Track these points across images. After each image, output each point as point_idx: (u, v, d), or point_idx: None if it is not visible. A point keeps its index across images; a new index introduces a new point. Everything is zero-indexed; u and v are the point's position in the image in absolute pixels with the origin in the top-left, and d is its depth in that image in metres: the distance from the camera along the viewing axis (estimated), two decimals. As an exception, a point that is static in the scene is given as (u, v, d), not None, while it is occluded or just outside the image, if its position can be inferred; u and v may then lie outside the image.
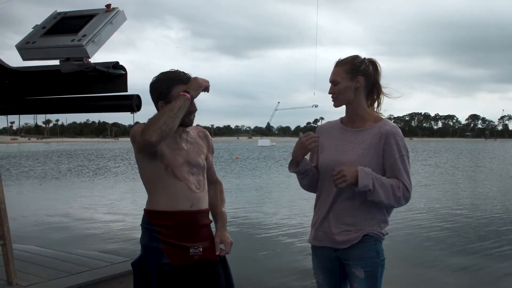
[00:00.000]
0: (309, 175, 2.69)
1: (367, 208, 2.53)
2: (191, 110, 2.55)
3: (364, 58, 2.62)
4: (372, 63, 2.62)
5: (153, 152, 2.45)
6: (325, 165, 2.62)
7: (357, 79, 2.56)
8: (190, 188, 2.53)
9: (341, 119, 2.72)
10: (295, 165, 2.66)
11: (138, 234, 2.65)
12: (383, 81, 2.66)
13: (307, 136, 2.59)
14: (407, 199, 2.51)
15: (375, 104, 2.68)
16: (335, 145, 2.63)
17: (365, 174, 2.43)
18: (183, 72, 2.56)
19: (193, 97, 2.44)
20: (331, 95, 2.61)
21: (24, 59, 2.86)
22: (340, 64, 2.59)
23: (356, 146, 2.56)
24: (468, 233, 9.83)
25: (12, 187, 18.99)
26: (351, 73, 2.55)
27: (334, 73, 2.59)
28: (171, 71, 2.56)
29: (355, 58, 2.60)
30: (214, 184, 2.82)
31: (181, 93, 2.42)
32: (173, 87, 2.51)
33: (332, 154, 2.61)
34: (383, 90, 2.66)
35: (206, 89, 2.53)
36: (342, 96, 2.57)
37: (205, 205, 2.61)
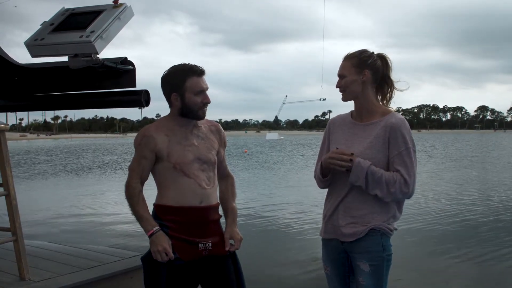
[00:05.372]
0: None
1: (376, 202, 2.51)
2: (205, 102, 2.56)
3: (373, 52, 2.60)
4: (382, 57, 2.61)
5: (159, 155, 2.52)
6: None
7: (363, 73, 2.55)
8: (200, 185, 2.54)
9: (351, 113, 2.71)
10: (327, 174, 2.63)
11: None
12: (394, 75, 2.64)
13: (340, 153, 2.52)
14: (404, 193, 2.47)
15: (387, 98, 2.65)
16: (344, 139, 2.62)
17: (358, 169, 2.44)
18: (196, 65, 2.55)
19: (151, 235, 2.47)
20: (338, 88, 2.61)
21: (33, 55, 2.87)
22: (347, 58, 2.59)
23: (363, 140, 2.55)
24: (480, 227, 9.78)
25: (23, 183, 19.13)
26: (358, 67, 2.55)
27: (341, 67, 2.59)
28: (185, 64, 2.56)
29: (362, 52, 2.59)
30: (225, 178, 2.81)
31: (148, 233, 2.48)
32: (187, 79, 2.51)
33: (340, 147, 2.60)
34: (395, 84, 2.64)
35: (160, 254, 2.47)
36: (348, 89, 2.57)
37: (214, 200, 2.62)
